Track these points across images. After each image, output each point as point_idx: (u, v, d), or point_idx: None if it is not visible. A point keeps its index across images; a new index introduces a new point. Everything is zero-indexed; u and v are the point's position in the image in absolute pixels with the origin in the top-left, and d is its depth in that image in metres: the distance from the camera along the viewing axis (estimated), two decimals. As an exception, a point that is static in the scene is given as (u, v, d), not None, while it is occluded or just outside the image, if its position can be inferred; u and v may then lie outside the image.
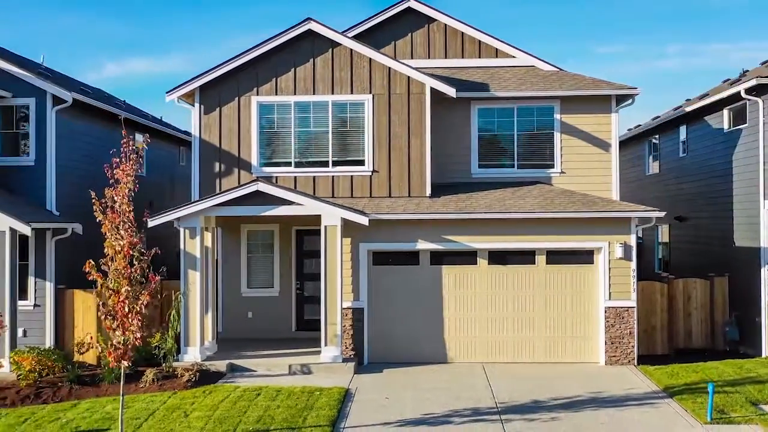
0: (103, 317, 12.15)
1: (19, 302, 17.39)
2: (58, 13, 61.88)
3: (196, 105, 18.61)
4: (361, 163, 18.52)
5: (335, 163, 18.56)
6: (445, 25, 20.69)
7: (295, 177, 18.45)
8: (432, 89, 18.30)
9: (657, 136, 25.60)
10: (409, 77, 18.36)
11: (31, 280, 17.89)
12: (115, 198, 12.18)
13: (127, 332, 11.98)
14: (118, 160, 12.30)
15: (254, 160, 18.53)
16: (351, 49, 18.45)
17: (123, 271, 11.97)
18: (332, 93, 18.49)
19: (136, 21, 64.91)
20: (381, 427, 13.10)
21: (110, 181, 12.25)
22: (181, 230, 17.15)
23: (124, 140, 12.33)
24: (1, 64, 18.20)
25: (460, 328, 17.76)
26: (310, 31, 18.36)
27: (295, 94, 18.51)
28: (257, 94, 18.57)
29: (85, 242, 18.92)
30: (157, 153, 25.28)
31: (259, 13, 64.79)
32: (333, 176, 18.51)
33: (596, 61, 62.68)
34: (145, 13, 63.96)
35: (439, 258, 17.82)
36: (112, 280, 12.03)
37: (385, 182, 18.47)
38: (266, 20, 64.44)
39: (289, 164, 18.56)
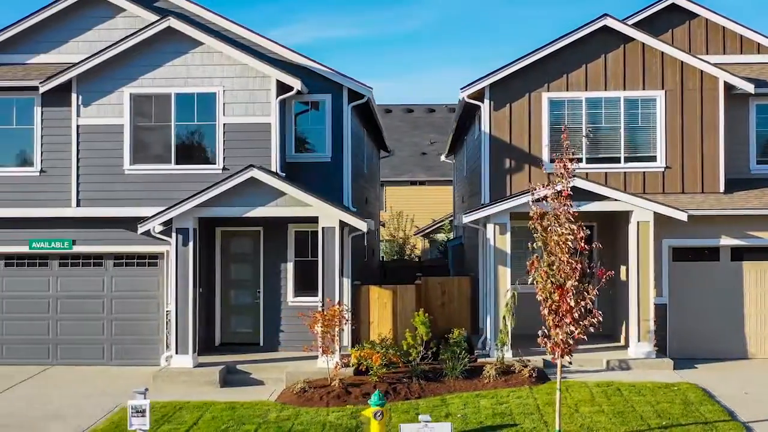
0: (546, 312, 12.16)
1: (316, 298, 17.44)
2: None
3: (486, 102, 18.59)
4: (652, 159, 18.48)
5: (627, 159, 18.53)
6: (707, 20, 20.61)
7: (587, 173, 18.38)
8: (725, 83, 18.28)
9: None
10: (702, 71, 18.33)
11: (319, 276, 17.81)
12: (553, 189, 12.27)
13: (574, 327, 11.97)
14: (555, 153, 12.38)
15: (545, 156, 18.50)
16: (643, 44, 18.41)
17: (569, 265, 11.98)
18: (624, 89, 18.47)
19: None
20: (779, 422, 13.11)
21: (545, 172, 12.32)
22: (491, 226, 17.19)
23: (565, 131, 12.43)
24: (299, 60, 18.16)
25: (760, 324, 17.72)
26: (604, 27, 18.32)
27: (586, 89, 18.50)
28: (547, 90, 18.55)
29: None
30: (367, 149, 25.31)
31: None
32: (625, 172, 18.48)
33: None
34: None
35: (739, 254, 17.80)
36: (556, 274, 12.04)
37: (678, 178, 18.43)
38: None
39: (579, 160, 18.53)
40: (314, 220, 16.95)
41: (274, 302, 18.16)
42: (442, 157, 34.99)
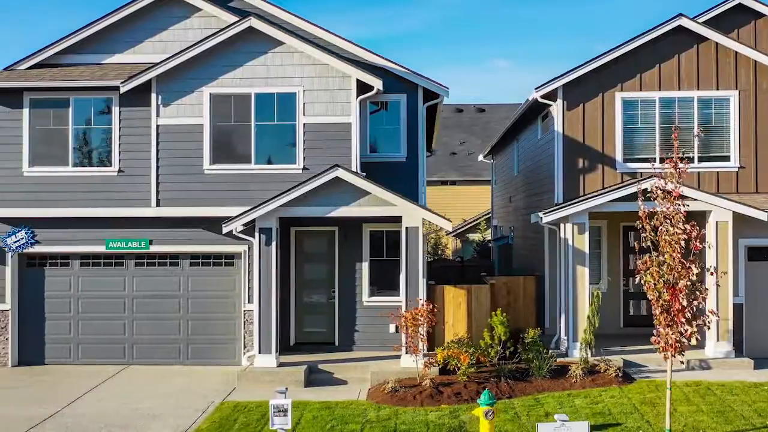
0: (657, 312, 12.18)
1: (395, 297, 17.52)
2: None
3: (559, 101, 18.62)
4: (726, 158, 18.54)
5: (700, 159, 18.57)
6: (771, 19, 20.73)
7: (661, 172, 18.40)
8: (798, 84, 18.35)
9: None
10: (775, 71, 18.42)
11: (402, 275, 17.87)
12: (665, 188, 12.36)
13: (686, 326, 12.00)
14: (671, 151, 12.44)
15: (618, 156, 18.55)
16: (716, 44, 18.45)
17: (681, 264, 12.00)
18: (697, 89, 18.51)
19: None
20: None
21: (655, 169, 12.36)
22: (569, 226, 17.23)
23: (675, 131, 12.45)
24: (375, 59, 18.18)
25: (834, 324, 17.80)
26: (678, 27, 18.36)
27: (659, 89, 18.54)
28: (620, 90, 18.59)
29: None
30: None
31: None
32: (698, 172, 18.51)
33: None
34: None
35: (814, 253, 17.88)
36: (667, 274, 12.06)
37: (752, 178, 18.49)
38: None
39: (653, 160, 18.57)
40: (389, 219, 16.99)
41: (349, 302, 18.18)
42: (480, 157, 35.03)
